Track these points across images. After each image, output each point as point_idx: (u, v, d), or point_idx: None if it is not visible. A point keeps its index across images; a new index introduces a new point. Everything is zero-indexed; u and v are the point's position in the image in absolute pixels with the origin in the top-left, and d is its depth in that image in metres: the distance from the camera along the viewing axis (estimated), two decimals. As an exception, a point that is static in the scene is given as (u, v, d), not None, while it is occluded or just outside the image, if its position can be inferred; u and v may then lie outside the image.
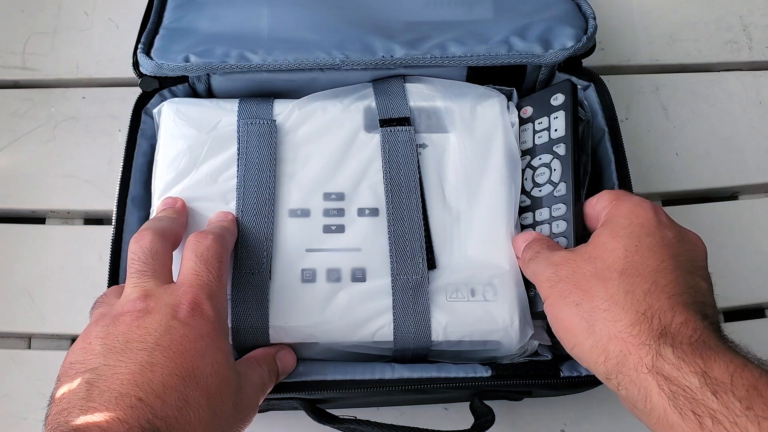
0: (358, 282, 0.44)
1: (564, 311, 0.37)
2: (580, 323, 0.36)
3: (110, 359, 0.33)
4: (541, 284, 0.39)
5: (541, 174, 0.47)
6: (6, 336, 0.56)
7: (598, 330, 0.35)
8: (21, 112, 0.62)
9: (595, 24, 0.50)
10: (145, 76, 0.49)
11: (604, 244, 0.38)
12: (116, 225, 0.46)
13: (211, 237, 0.40)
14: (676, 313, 0.34)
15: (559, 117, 0.47)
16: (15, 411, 0.52)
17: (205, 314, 0.36)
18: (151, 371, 0.33)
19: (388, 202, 0.46)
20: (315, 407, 0.43)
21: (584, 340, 0.35)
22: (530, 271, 0.42)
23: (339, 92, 0.49)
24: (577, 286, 0.37)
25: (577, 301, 0.36)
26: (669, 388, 0.31)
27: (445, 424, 0.52)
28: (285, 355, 0.43)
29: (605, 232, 0.38)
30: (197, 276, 0.38)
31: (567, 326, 0.37)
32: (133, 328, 0.35)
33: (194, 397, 0.33)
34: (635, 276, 0.35)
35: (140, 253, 0.38)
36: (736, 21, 0.67)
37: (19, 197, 0.59)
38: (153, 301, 0.36)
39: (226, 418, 0.36)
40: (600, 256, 0.37)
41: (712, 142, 0.62)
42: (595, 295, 0.36)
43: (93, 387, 0.32)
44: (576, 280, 0.37)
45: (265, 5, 0.51)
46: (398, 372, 0.43)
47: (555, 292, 0.38)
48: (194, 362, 0.34)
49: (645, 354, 0.33)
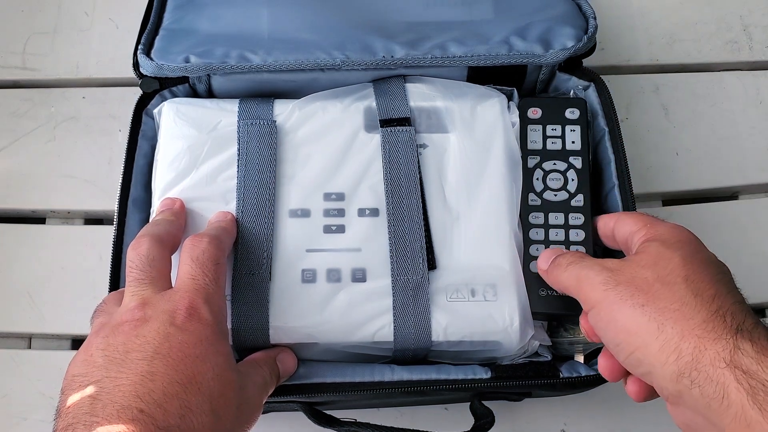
0: (358, 282, 0.44)
1: (626, 313, 0.35)
2: (648, 324, 0.34)
3: (111, 371, 0.33)
4: (592, 288, 0.38)
5: (554, 179, 0.47)
6: (6, 336, 0.56)
7: (668, 329, 0.34)
8: (21, 112, 0.62)
9: (595, 24, 0.50)
10: (145, 77, 0.49)
11: (660, 253, 0.37)
12: (117, 227, 0.46)
13: (206, 240, 0.40)
14: (745, 315, 0.33)
15: (576, 131, 0.49)
16: (15, 411, 0.52)
17: (202, 318, 0.36)
18: (152, 381, 0.33)
19: (389, 202, 0.46)
20: (315, 410, 0.43)
21: (652, 341, 0.34)
22: (572, 275, 0.40)
23: (339, 92, 0.49)
24: (640, 289, 0.36)
25: (642, 303, 0.35)
26: (748, 382, 0.30)
27: (445, 424, 0.52)
28: (286, 357, 0.43)
29: (655, 245, 0.38)
30: (193, 280, 0.38)
31: (630, 328, 0.35)
32: (132, 338, 0.35)
33: (196, 402, 0.33)
34: (700, 282, 0.35)
35: (137, 261, 0.38)
36: (736, 21, 0.67)
37: (19, 197, 0.59)
38: (150, 309, 0.36)
39: (230, 420, 0.36)
40: (658, 263, 0.36)
41: (712, 142, 0.62)
42: (662, 297, 0.35)
43: (96, 400, 0.32)
44: (637, 284, 0.36)
45: (265, 6, 0.51)
46: (398, 374, 0.43)
47: (613, 295, 0.36)
48: (194, 368, 0.34)
49: (722, 348, 0.32)
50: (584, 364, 0.45)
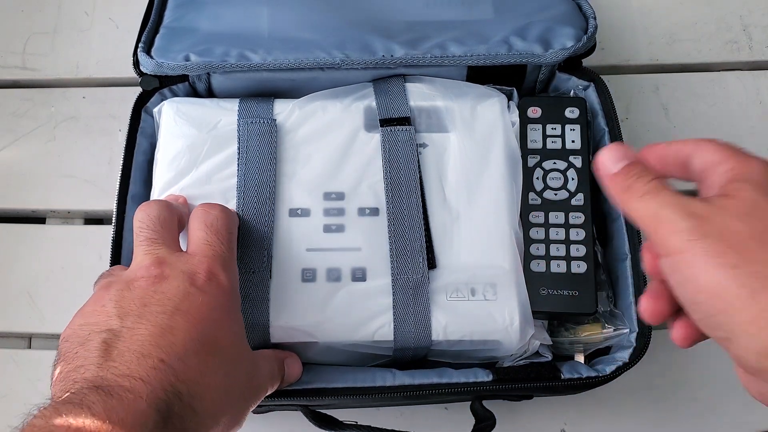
0: (358, 281, 0.44)
1: (713, 272, 0.31)
2: (739, 288, 0.30)
3: (127, 321, 0.32)
4: (675, 233, 0.32)
5: (554, 178, 0.47)
6: (6, 336, 0.56)
7: (764, 299, 0.30)
8: (21, 112, 0.62)
9: (595, 24, 0.50)
10: (145, 75, 0.49)
11: (755, 201, 0.32)
12: (116, 222, 0.46)
13: (218, 207, 0.40)
14: None
15: (576, 130, 0.49)
16: (15, 411, 0.52)
17: (221, 284, 0.36)
18: (172, 334, 0.32)
19: (389, 201, 0.46)
20: (315, 413, 0.43)
21: (742, 309, 0.30)
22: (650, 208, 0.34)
23: (339, 92, 0.49)
24: (732, 246, 0.31)
25: (734, 264, 0.30)
26: None
27: (445, 425, 0.52)
28: (293, 362, 0.42)
29: (747, 188, 0.33)
30: (210, 246, 0.37)
31: (716, 290, 0.31)
32: (150, 293, 0.34)
33: (214, 363, 0.33)
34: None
35: (148, 221, 0.38)
36: (736, 21, 0.67)
37: (19, 197, 0.59)
38: (168, 267, 0.35)
39: (241, 388, 0.35)
40: (753, 214, 0.32)
41: (712, 142, 0.62)
42: (758, 259, 0.30)
43: (111, 347, 0.31)
44: (728, 239, 0.31)
45: (265, 5, 0.51)
46: (399, 379, 0.43)
47: (698, 248, 0.31)
48: (213, 330, 0.34)
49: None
50: (585, 364, 0.45)
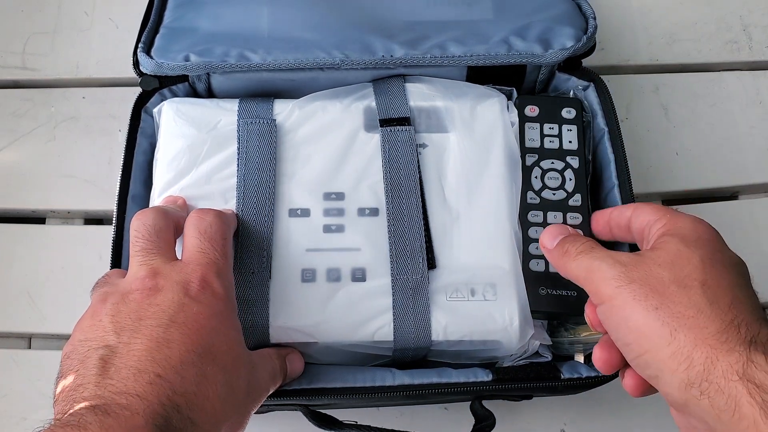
0: (358, 282, 0.44)
1: (638, 314, 0.34)
2: (660, 328, 0.33)
3: (124, 336, 0.33)
4: (604, 282, 0.36)
5: (552, 178, 0.47)
6: (6, 336, 0.56)
7: (681, 336, 0.33)
8: (21, 112, 0.62)
9: (595, 24, 0.50)
10: (145, 75, 0.49)
11: (679, 252, 0.35)
12: (116, 223, 0.46)
13: (212, 213, 0.40)
14: (761, 326, 0.33)
15: (572, 130, 0.49)
16: (15, 411, 0.52)
17: (216, 292, 0.36)
18: (168, 347, 0.32)
19: (388, 201, 0.46)
20: (315, 412, 0.43)
21: (663, 347, 0.33)
22: (582, 266, 0.38)
23: (339, 92, 0.49)
24: (655, 290, 0.34)
25: (656, 306, 0.34)
26: (761, 396, 0.30)
27: (445, 424, 0.52)
28: (295, 358, 0.42)
29: (673, 241, 0.36)
30: (203, 254, 0.37)
31: (641, 330, 0.34)
32: (145, 306, 0.34)
33: (212, 372, 0.33)
34: (717, 288, 0.34)
35: (143, 230, 0.38)
36: (736, 21, 0.67)
37: (19, 197, 0.59)
38: (162, 278, 0.36)
39: (241, 395, 0.35)
40: (676, 263, 0.35)
41: (712, 142, 0.62)
42: (677, 301, 0.34)
43: (108, 364, 0.32)
44: (652, 284, 0.34)
45: (265, 5, 0.51)
46: (399, 378, 0.43)
47: (626, 293, 0.35)
48: (210, 339, 0.34)
49: (735, 361, 0.31)
50: (585, 364, 0.45)
